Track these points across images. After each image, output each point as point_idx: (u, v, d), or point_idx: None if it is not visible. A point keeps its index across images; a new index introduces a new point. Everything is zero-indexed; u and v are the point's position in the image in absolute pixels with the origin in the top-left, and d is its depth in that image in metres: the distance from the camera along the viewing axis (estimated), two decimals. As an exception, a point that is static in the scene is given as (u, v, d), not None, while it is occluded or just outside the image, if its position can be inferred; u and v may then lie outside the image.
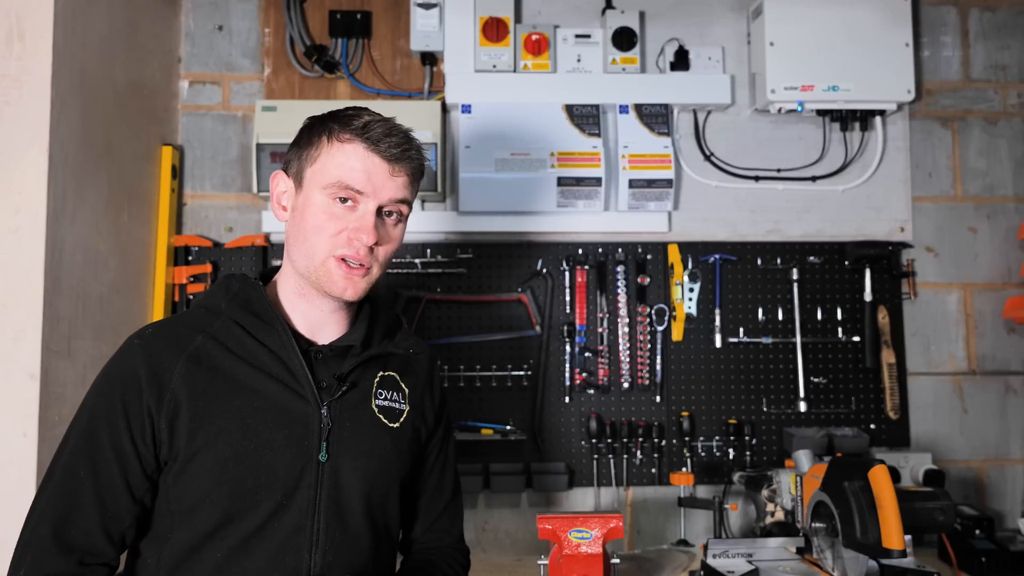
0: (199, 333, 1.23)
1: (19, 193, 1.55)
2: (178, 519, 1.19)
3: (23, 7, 1.56)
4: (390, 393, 1.32)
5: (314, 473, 1.21)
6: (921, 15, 2.40)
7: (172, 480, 1.18)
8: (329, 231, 1.21)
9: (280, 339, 1.23)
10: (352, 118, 1.24)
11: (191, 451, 1.17)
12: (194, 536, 1.18)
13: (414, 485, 1.41)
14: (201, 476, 1.17)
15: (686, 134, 2.33)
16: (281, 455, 1.19)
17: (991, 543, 1.94)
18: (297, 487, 1.20)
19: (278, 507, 1.19)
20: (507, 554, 2.15)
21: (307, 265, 1.24)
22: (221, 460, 1.17)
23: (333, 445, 1.23)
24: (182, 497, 1.18)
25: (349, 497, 1.23)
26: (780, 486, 1.88)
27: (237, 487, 1.17)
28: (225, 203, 2.27)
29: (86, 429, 1.19)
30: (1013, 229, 2.37)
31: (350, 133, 1.22)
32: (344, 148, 1.22)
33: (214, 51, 2.30)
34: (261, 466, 1.18)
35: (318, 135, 1.24)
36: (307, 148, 1.25)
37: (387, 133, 1.22)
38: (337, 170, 1.21)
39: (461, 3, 2.23)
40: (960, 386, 2.33)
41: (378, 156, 1.22)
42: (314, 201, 1.22)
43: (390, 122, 1.25)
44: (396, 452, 1.30)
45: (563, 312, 2.23)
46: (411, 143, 1.26)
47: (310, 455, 1.21)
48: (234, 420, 1.18)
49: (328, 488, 1.21)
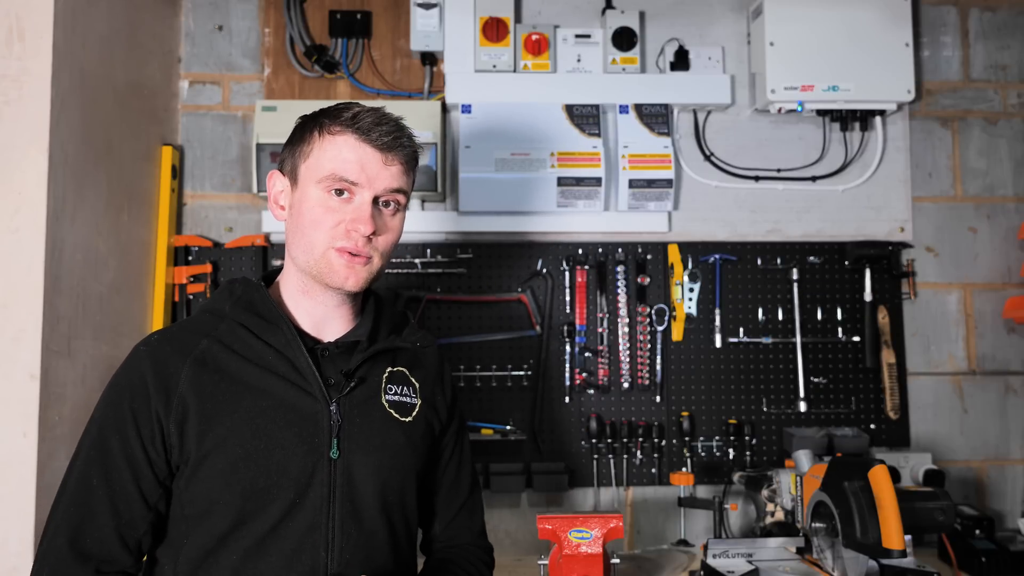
0: (204, 337, 1.23)
1: (19, 193, 1.55)
2: (192, 523, 1.18)
3: (23, 7, 1.56)
4: (400, 388, 1.32)
5: (326, 470, 1.20)
6: (921, 15, 2.40)
7: (184, 484, 1.18)
8: (327, 224, 1.22)
9: (285, 338, 1.23)
10: (341, 111, 1.24)
11: (201, 454, 1.17)
12: (209, 539, 1.17)
13: (430, 481, 1.40)
14: (212, 478, 1.17)
15: (686, 134, 2.33)
16: (292, 453, 1.19)
17: (991, 543, 1.94)
18: (310, 485, 1.19)
19: (291, 506, 1.18)
20: (507, 554, 2.15)
21: (307, 260, 1.24)
22: (232, 461, 1.17)
23: (344, 441, 1.22)
24: (195, 501, 1.18)
25: (363, 493, 1.23)
26: (780, 486, 1.88)
27: (249, 487, 1.17)
28: (225, 203, 2.27)
29: (97, 439, 1.19)
30: (1013, 229, 2.37)
31: (340, 125, 1.22)
32: (336, 140, 1.22)
33: (214, 51, 2.30)
34: (272, 465, 1.18)
35: (309, 131, 1.25)
36: (299, 145, 1.26)
37: (377, 122, 1.23)
38: (330, 163, 1.21)
39: (461, 3, 2.23)
40: (960, 386, 2.33)
41: (370, 146, 1.22)
42: (310, 196, 1.23)
43: (379, 111, 1.25)
44: (410, 446, 1.30)
45: (563, 312, 2.23)
46: (402, 131, 1.26)
47: (321, 452, 1.21)
48: (243, 421, 1.18)
49: (341, 485, 1.21)
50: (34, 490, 1.51)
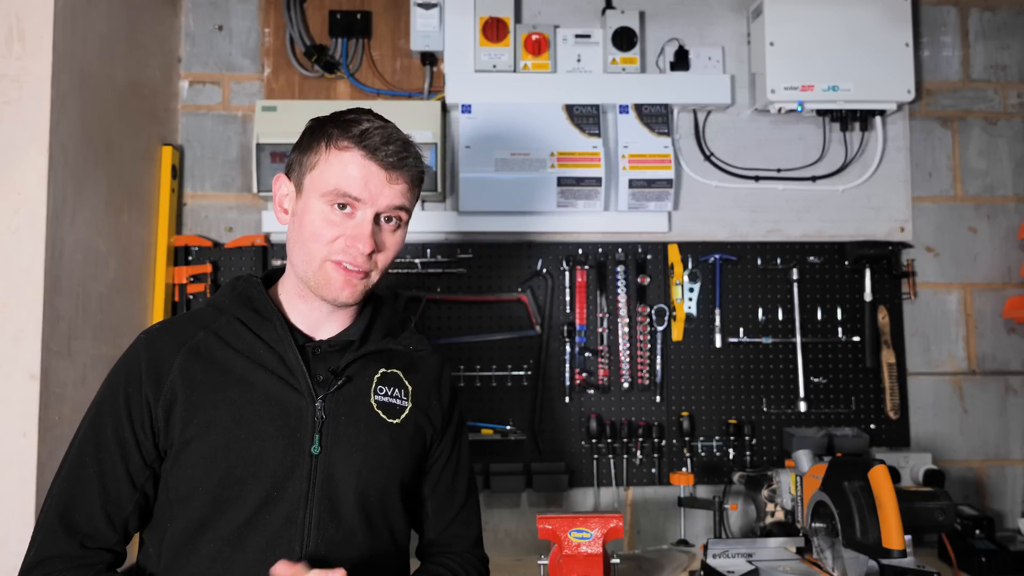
0: (202, 329, 1.27)
1: (19, 193, 1.55)
2: (175, 508, 1.21)
3: (23, 7, 1.56)
4: (391, 389, 1.33)
5: (306, 466, 1.22)
6: (921, 15, 2.40)
7: (170, 468, 1.21)
8: (327, 237, 1.23)
9: (277, 333, 1.25)
10: (351, 124, 1.24)
11: (185, 440, 1.20)
12: (189, 525, 1.20)
13: (422, 486, 1.40)
14: (194, 464, 1.20)
15: (686, 134, 2.33)
16: (272, 446, 1.21)
17: (991, 543, 1.94)
18: (288, 478, 1.21)
19: (268, 498, 1.20)
20: (507, 554, 2.15)
21: (305, 270, 1.26)
22: (212, 448, 1.19)
23: (327, 438, 1.23)
24: (178, 486, 1.21)
25: (343, 491, 1.23)
26: (780, 486, 1.88)
27: (226, 476, 1.19)
28: (225, 203, 2.27)
29: (94, 420, 1.24)
30: (1013, 229, 2.37)
31: (348, 140, 1.23)
32: (342, 156, 1.22)
33: (214, 51, 2.30)
34: (251, 456, 1.20)
35: (318, 140, 1.25)
36: (307, 153, 1.26)
37: (385, 141, 1.23)
38: (335, 178, 1.22)
39: (461, 3, 2.23)
40: (960, 386, 2.33)
41: (375, 164, 1.22)
42: (312, 207, 1.24)
43: (388, 128, 1.25)
44: (395, 447, 1.30)
45: (563, 312, 2.23)
46: (409, 150, 1.26)
47: (302, 447, 1.22)
48: (227, 410, 1.21)
49: (321, 481, 1.22)
50: (34, 490, 1.51)
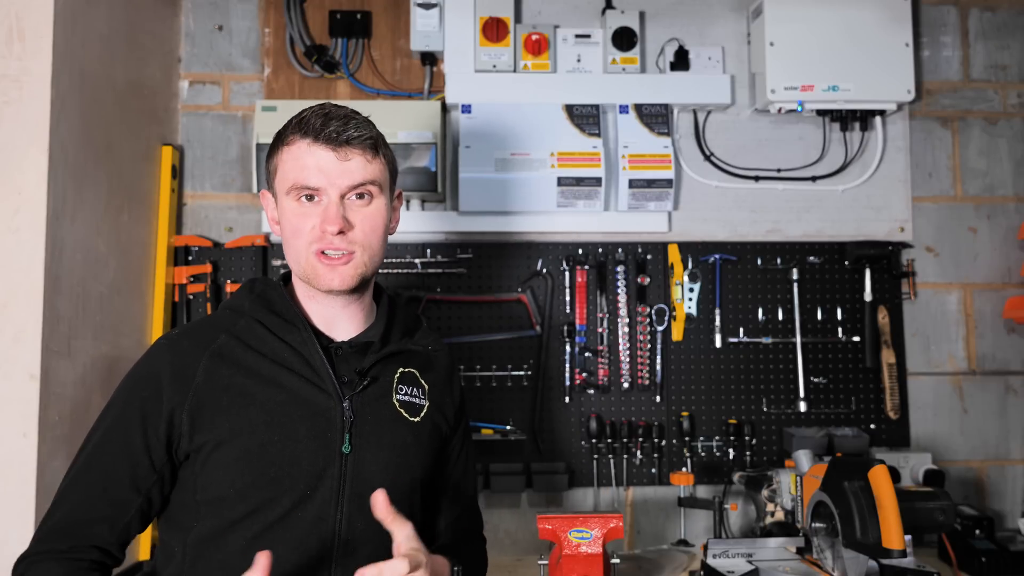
0: (223, 332, 1.27)
1: (19, 193, 1.55)
2: (204, 509, 1.21)
3: (23, 7, 1.56)
4: (410, 389, 1.35)
5: (337, 465, 1.23)
6: (921, 15, 2.40)
7: (199, 470, 1.21)
8: (303, 230, 1.24)
9: (301, 336, 1.26)
10: (295, 118, 1.26)
11: (216, 442, 1.20)
12: (220, 523, 1.20)
13: (436, 481, 1.42)
14: (227, 466, 1.20)
15: (686, 134, 2.33)
16: (305, 447, 1.22)
17: (991, 543, 1.94)
18: (321, 478, 1.22)
19: (302, 497, 1.21)
20: (507, 554, 2.15)
21: (298, 269, 1.27)
22: (246, 450, 1.20)
23: (356, 438, 1.25)
24: (208, 487, 1.21)
25: (373, 489, 1.23)
26: (780, 486, 1.88)
27: (261, 477, 1.20)
28: (225, 203, 2.27)
29: (104, 424, 1.24)
30: (1013, 229, 2.37)
31: (292, 132, 1.25)
32: (292, 150, 1.24)
33: (214, 51, 2.30)
34: (285, 457, 1.21)
35: (275, 145, 1.28)
36: (271, 159, 1.29)
37: (325, 121, 1.23)
38: (291, 173, 1.24)
39: (461, 3, 2.23)
40: (960, 386, 2.33)
41: (321, 147, 1.22)
42: (286, 207, 1.26)
43: (327, 107, 1.25)
44: (417, 445, 1.32)
45: (563, 312, 2.23)
46: (349, 122, 1.24)
47: (333, 447, 1.23)
48: (259, 413, 1.22)
49: (351, 479, 1.24)
50: (34, 490, 1.51)
